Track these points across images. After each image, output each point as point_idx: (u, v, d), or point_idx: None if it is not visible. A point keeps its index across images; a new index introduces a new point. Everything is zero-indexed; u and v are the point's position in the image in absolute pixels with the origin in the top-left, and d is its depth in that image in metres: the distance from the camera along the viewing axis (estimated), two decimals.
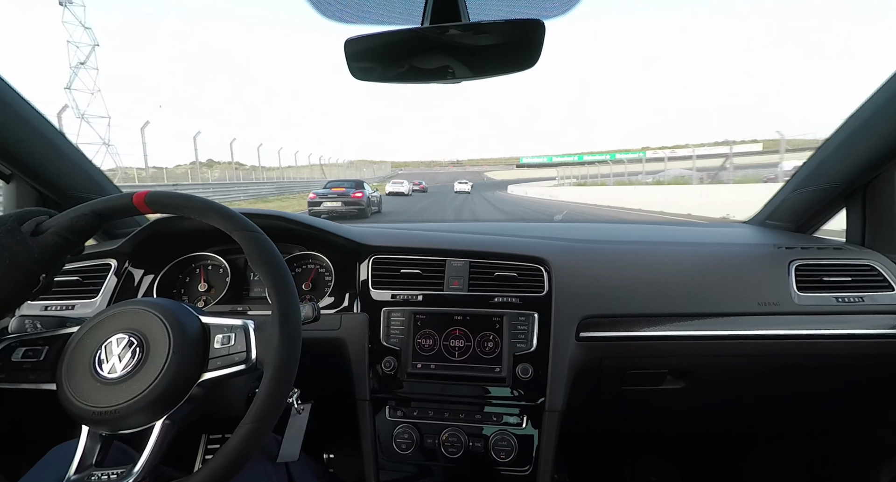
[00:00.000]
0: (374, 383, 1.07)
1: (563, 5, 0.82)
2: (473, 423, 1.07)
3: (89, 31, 43.12)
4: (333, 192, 14.14)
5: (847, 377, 1.24)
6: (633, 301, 1.11)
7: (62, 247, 0.65)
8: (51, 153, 1.08)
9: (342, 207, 13.57)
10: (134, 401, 0.60)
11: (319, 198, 14.02)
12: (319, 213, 13.12)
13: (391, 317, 1.10)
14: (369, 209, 14.24)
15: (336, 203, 13.60)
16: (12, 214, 0.64)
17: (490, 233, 1.29)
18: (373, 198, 14.92)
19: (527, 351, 1.05)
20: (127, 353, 0.63)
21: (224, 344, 0.66)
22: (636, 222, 1.53)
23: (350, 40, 0.80)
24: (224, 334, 0.67)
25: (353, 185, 14.84)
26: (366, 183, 15.60)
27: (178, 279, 1.20)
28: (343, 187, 14.47)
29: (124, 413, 0.60)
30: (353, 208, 13.60)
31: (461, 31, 0.78)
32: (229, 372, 0.65)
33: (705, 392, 1.26)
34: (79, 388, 0.62)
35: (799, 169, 1.36)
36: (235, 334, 0.66)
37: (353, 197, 13.74)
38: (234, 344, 0.66)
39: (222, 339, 0.66)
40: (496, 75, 0.84)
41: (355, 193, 13.87)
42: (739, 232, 1.46)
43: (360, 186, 14.65)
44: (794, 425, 1.51)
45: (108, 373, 0.62)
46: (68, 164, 1.14)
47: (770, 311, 1.10)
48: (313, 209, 13.62)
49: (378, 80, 0.89)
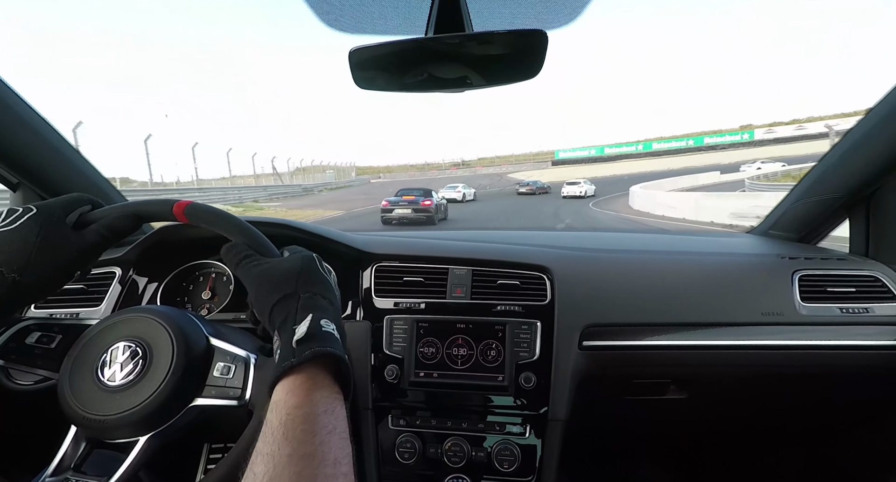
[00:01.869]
0: (376, 392, 1.07)
1: (565, 17, 0.83)
2: (476, 432, 1.06)
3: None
4: (404, 200, 15.09)
5: (850, 388, 1.23)
6: (635, 310, 1.11)
7: (101, 245, 0.66)
8: (57, 161, 1.09)
9: (412, 214, 14.47)
10: (124, 415, 0.60)
11: (391, 205, 15.00)
12: (391, 220, 14.63)
13: (394, 326, 1.09)
14: (437, 216, 14.91)
15: (406, 210, 14.59)
16: (59, 203, 0.64)
17: (492, 241, 1.29)
18: (440, 205, 15.73)
19: (529, 359, 1.04)
20: (129, 363, 0.63)
21: (223, 373, 0.65)
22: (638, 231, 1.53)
23: (354, 50, 0.81)
24: (226, 363, 0.66)
25: (422, 193, 15.74)
26: (434, 191, 16.52)
27: (181, 287, 1.20)
28: (413, 195, 15.44)
29: (112, 425, 0.60)
30: (421, 215, 14.42)
31: (464, 42, 0.79)
32: (220, 404, 0.64)
33: (708, 401, 1.26)
34: (77, 388, 0.62)
35: (802, 179, 1.37)
36: (236, 367, 0.65)
37: (422, 204, 14.66)
38: (232, 376, 0.64)
39: (223, 368, 0.65)
40: (499, 85, 0.85)
41: (424, 201, 14.82)
42: (742, 242, 1.46)
43: (429, 195, 15.57)
44: (797, 435, 1.50)
45: (108, 380, 0.62)
46: (73, 173, 1.15)
47: (774, 322, 1.10)
48: (385, 215, 14.83)
49: (382, 89, 0.90)
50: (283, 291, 0.58)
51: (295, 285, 0.59)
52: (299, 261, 0.64)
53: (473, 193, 29.20)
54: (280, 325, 0.56)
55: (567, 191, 27.74)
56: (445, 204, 16.75)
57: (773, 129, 57.99)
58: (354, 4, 0.86)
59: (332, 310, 0.60)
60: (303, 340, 0.53)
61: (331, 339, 0.54)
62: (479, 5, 0.80)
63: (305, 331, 0.53)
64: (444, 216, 16.16)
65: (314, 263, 0.65)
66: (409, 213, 14.51)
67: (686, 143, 61.46)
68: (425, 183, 36.43)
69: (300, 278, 0.60)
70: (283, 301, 0.58)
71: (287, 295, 0.58)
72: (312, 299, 0.59)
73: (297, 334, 0.53)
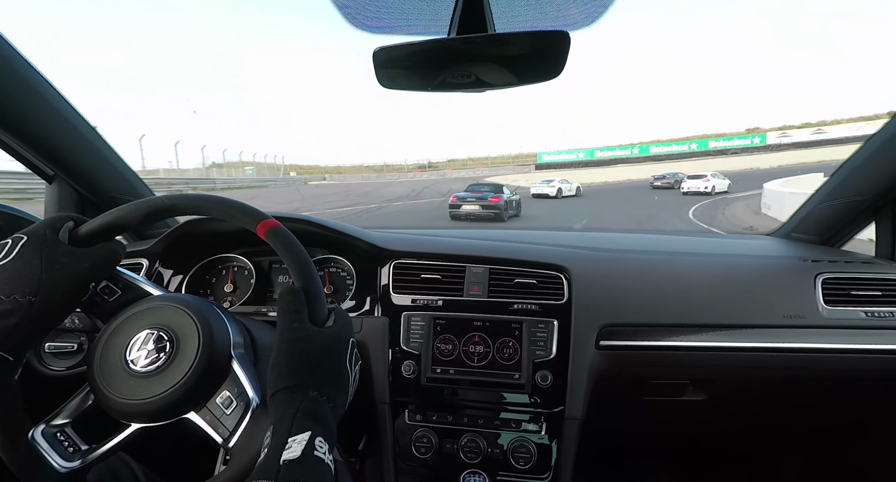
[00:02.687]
0: (393, 387, 1.08)
1: (588, 17, 0.83)
2: (492, 429, 1.07)
3: None
4: (473, 195, 14.60)
5: (874, 392, 1.21)
6: (653, 310, 1.10)
7: (115, 259, 0.67)
8: (92, 155, 1.13)
9: (480, 210, 13.89)
10: (146, 402, 0.61)
11: (459, 201, 14.45)
12: (458, 216, 14.06)
13: (411, 322, 1.11)
14: (506, 213, 14.25)
15: (474, 206, 14.02)
16: (43, 225, 0.64)
17: (510, 240, 1.30)
18: (511, 201, 14.93)
19: (546, 358, 1.05)
20: (153, 353, 0.63)
21: (224, 404, 0.63)
22: (657, 232, 1.52)
23: (379, 50, 0.82)
24: (231, 395, 0.63)
25: (491, 189, 15.25)
26: (505, 186, 15.79)
27: (204, 280, 1.23)
28: (482, 191, 14.97)
29: (133, 410, 0.61)
30: (490, 212, 13.83)
31: (487, 42, 0.80)
32: (205, 430, 0.62)
33: (727, 404, 1.25)
34: (106, 371, 0.63)
35: (825, 181, 1.34)
36: (237, 405, 0.62)
37: (490, 201, 14.04)
38: (229, 412, 0.62)
39: (226, 399, 0.63)
40: (520, 85, 0.86)
41: (493, 197, 14.19)
42: (763, 244, 1.44)
43: (499, 190, 15.00)
44: (818, 440, 1.48)
45: (135, 365, 0.63)
46: (106, 166, 1.19)
47: (796, 324, 1.08)
48: (453, 211, 14.26)
49: (404, 88, 0.91)
50: (295, 380, 0.56)
51: (309, 377, 0.57)
52: (333, 344, 0.62)
53: (577, 188, 24.20)
54: (277, 421, 0.53)
55: (689, 186, 21.71)
56: (518, 200, 15.60)
57: (788, 132, 53.53)
58: (379, 5, 0.87)
59: (332, 423, 0.57)
60: (292, 461, 0.49)
61: (320, 468, 0.51)
62: (502, 6, 0.80)
63: (300, 453, 0.50)
64: (516, 213, 15.28)
65: (344, 353, 0.63)
66: (476, 209, 13.92)
67: (689, 147, 56.12)
68: (379, 186, 32.00)
69: (321, 370, 0.59)
70: (290, 391, 0.55)
71: (298, 386, 0.56)
72: (318, 404, 0.56)
73: (288, 452, 0.50)
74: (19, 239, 0.61)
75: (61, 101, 1.01)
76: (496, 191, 14.95)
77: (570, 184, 24.06)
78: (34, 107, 0.97)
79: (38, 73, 0.95)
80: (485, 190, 15.13)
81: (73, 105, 1.04)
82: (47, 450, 0.61)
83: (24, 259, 0.59)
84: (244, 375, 0.65)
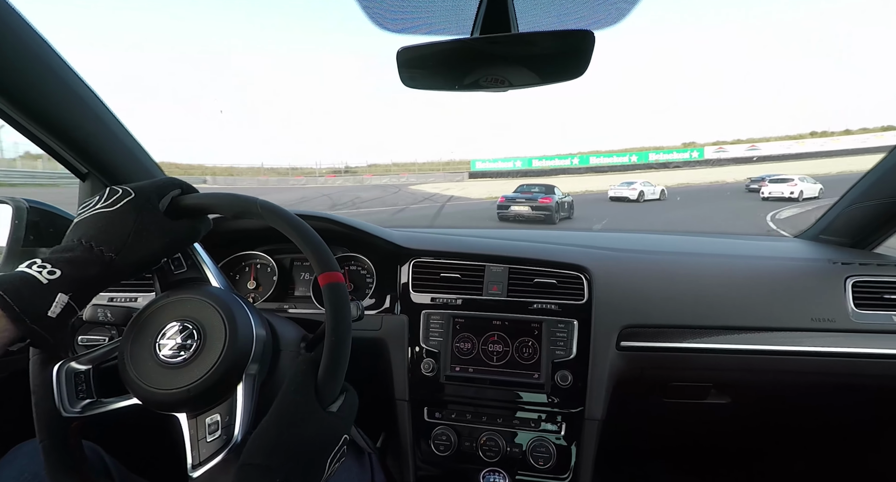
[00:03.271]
0: (413, 384, 1.09)
1: (613, 16, 0.82)
2: (511, 428, 1.07)
3: None
4: (522, 196, 14.01)
5: None
6: (676, 312, 1.09)
7: (192, 238, 0.69)
8: (123, 154, 1.16)
9: (530, 212, 13.33)
10: (178, 391, 0.61)
11: (507, 201, 13.88)
12: (507, 217, 13.41)
13: (430, 320, 1.12)
14: (557, 215, 13.52)
15: (524, 207, 13.49)
16: (153, 186, 0.65)
17: (530, 240, 1.30)
18: (563, 203, 14.17)
19: (566, 358, 1.05)
20: (183, 343, 0.64)
21: (210, 428, 0.61)
22: (679, 233, 1.49)
23: (402, 49, 0.82)
24: (219, 421, 0.61)
25: (542, 189, 14.57)
26: (556, 187, 14.97)
27: (228, 276, 1.26)
28: (531, 191, 14.34)
29: (166, 400, 0.61)
30: (540, 213, 13.23)
31: (510, 42, 0.80)
32: (185, 443, 0.61)
33: (751, 408, 1.22)
34: (137, 360, 0.63)
35: (856, 183, 1.31)
36: (219, 436, 0.60)
37: (540, 202, 13.44)
38: (209, 440, 0.60)
39: (213, 424, 0.61)
40: (544, 84, 0.85)
41: (543, 198, 13.59)
42: (790, 246, 1.41)
43: (551, 191, 14.36)
44: (845, 446, 1.44)
45: (165, 355, 0.63)
46: (136, 165, 1.22)
47: (825, 328, 1.06)
48: (501, 212, 13.62)
49: (427, 87, 0.91)
50: (269, 460, 0.52)
51: (284, 462, 0.52)
52: (325, 436, 0.57)
53: (661, 191, 21.64)
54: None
55: (771, 190, 18.75)
56: (570, 201, 14.76)
57: (724, 147, 53.40)
58: (404, 5, 0.88)
59: None
60: None
61: None
62: (527, 6, 0.80)
63: None
64: (569, 215, 14.43)
65: (332, 448, 0.57)
66: (526, 210, 13.32)
67: (629, 160, 53.57)
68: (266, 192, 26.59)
69: (299, 460, 0.54)
70: (258, 470, 0.52)
71: (268, 468, 0.52)
72: None
73: None
74: (127, 193, 0.62)
75: (97, 100, 1.04)
76: (547, 191, 14.26)
77: (653, 186, 21.61)
78: (74, 108, 1.00)
79: (76, 74, 0.98)
80: (535, 190, 14.46)
81: (107, 104, 1.07)
82: (60, 387, 0.63)
83: (123, 215, 0.61)
84: (241, 406, 0.62)
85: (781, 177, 19.83)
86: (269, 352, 0.70)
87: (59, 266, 0.55)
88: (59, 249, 0.58)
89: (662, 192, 21.81)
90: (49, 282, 0.54)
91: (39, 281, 0.54)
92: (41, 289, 0.53)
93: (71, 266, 0.56)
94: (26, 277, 0.53)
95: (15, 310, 0.51)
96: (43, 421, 0.62)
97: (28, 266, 0.55)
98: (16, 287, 0.52)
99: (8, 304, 0.51)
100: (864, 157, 27.16)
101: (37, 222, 1.09)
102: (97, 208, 0.62)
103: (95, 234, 0.59)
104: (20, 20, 0.84)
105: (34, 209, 1.10)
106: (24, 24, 0.85)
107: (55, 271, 0.55)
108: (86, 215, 0.61)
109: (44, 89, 0.93)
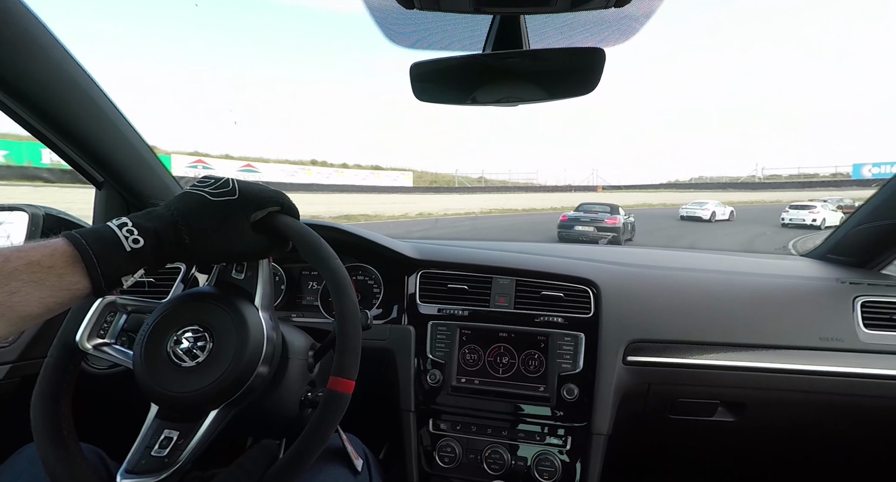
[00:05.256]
0: (419, 395, 1.09)
1: (622, 34, 0.84)
2: (516, 441, 1.06)
3: None
4: (586, 215, 12.86)
5: None
6: (683, 328, 1.09)
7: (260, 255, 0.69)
8: (138, 163, 1.18)
9: (594, 233, 12.21)
10: (199, 392, 0.62)
11: (570, 221, 12.78)
12: (569, 237, 12.38)
13: (437, 331, 1.12)
14: (623, 236, 12.48)
15: (588, 227, 12.38)
16: (257, 198, 0.65)
17: (537, 253, 1.30)
18: (627, 223, 13.14)
19: (572, 371, 1.04)
20: (196, 344, 0.64)
21: (162, 441, 0.62)
22: (687, 249, 1.50)
23: (416, 64, 0.85)
24: (174, 435, 0.62)
25: (607, 209, 13.14)
26: (621, 207, 13.46)
27: None
28: (595, 211, 13.08)
29: (187, 401, 0.62)
30: (605, 234, 12.13)
31: (522, 58, 0.82)
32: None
33: (759, 427, 1.21)
34: (151, 364, 0.63)
35: (864, 203, 1.31)
36: (167, 451, 0.61)
37: (606, 223, 12.35)
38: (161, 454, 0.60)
39: (164, 439, 0.62)
40: (554, 100, 0.87)
41: (610, 219, 12.46)
42: (797, 264, 1.40)
43: (616, 211, 12.92)
44: (854, 470, 1.41)
45: (179, 360, 0.63)
46: (150, 174, 1.24)
47: (833, 347, 1.06)
48: (563, 232, 12.57)
49: (439, 101, 0.93)
50: None
51: None
52: None
53: (730, 212, 21.60)
54: None
55: (791, 217, 18.06)
56: (633, 222, 13.64)
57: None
58: (417, 21, 0.90)
59: None
60: None
61: None
62: (538, 23, 0.82)
63: None
64: (631, 237, 13.30)
65: None
66: (591, 230, 12.17)
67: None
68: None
69: None
70: None
71: None
72: None
73: None
74: (231, 193, 0.63)
75: (114, 110, 1.07)
76: (612, 211, 12.90)
77: (724, 208, 21.76)
78: (93, 118, 1.02)
79: (96, 83, 1.01)
80: (598, 209, 13.14)
81: (125, 114, 1.10)
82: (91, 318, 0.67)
83: (216, 210, 0.61)
84: (202, 432, 0.62)
85: (802, 203, 19.50)
86: (279, 356, 0.71)
87: (145, 236, 0.56)
88: (151, 216, 0.59)
89: (732, 213, 21.74)
90: (132, 251, 0.55)
91: (124, 247, 0.55)
92: (125, 257, 0.55)
93: (154, 238, 0.57)
94: (116, 240, 0.54)
95: (97, 271, 0.52)
96: (61, 341, 0.67)
97: (119, 227, 0.56)
98: (103, 248, 0.53)
99: (93, 264, 0.52)
100: None
101: (52, 229, 1.11)
102: (204, 191, 0.62)
103: (187, 212, 0.60)
104: (49, 37, 0.88)
105: (50, 216, 1.12)
106: (54, 41, 0.89)
107: (139, 240, 0.56)
108: (192, 192, 0.62)
109: (70, 104, 0.96)
